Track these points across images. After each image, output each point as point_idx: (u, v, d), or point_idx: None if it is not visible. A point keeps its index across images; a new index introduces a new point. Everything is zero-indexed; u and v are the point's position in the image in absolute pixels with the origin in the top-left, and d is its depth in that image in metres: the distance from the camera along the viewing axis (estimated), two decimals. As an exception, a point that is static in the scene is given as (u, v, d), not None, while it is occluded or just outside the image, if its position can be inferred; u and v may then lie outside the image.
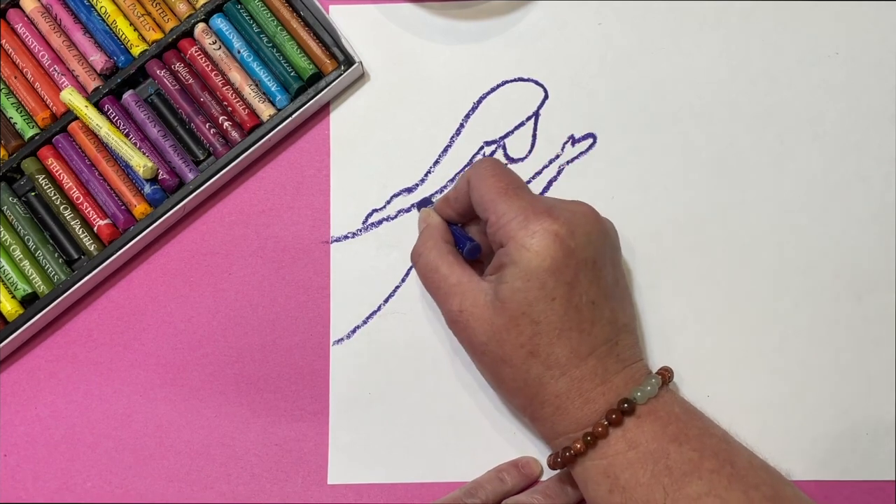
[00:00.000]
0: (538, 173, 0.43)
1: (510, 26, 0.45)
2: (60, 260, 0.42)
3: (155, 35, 0.44)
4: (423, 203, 0.42)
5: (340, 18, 0.45)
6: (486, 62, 0.44)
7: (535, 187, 0.43)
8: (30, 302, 0.42)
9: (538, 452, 0.40)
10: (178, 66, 0.44)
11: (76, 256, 0.43)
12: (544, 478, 0.40)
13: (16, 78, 0.44)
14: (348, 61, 0.44)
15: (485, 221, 0.37)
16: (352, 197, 0.44)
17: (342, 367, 0.42)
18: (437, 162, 0.44)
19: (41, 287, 0.42)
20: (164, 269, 0.43)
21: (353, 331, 0.42)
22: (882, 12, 0.44)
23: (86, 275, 0.42)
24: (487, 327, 0.36)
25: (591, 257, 0.36)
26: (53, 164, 0.43)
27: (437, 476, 0.40)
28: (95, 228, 0.42)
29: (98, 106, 0.43)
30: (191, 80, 0.44)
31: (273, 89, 0.43)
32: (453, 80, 0.44)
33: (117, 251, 0.42)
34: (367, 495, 0.41)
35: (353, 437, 0.41)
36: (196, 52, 0.44)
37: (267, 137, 0.43)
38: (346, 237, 0.43)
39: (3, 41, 0.44)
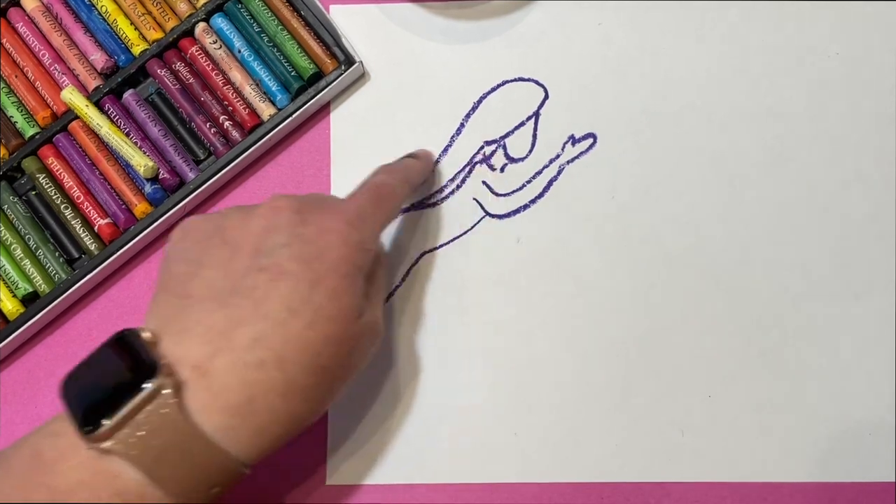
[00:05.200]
0: (538, 173, 0.43)
1: (510, 26, 0.45)
2: (61, 259, 0.42)
3: (155, 34, 0.44)
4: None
5: (341, 18, 0.45)
6: (486, 62, 0.44)
7: (536, 187, 0.43)
8: (30, 301, 0.42)
9: (539, 454, 0.40)
10: (179, 66, 0.44)
11: (77, 255, 0.43)
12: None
13: (16, 77, 0.44)
14: (349, 61, 0.44)
15: None
16: (352, 196, 0.44)
17: (342, 366, 0.42)
18: (437, 162, 0.44)
19: (42, 286, 0.42)
20: (165, 269, 0.43)
21: (353, 330, 0.42)
22: (882, 12, 0.44)
23: (86, 274, 0.42)
24: None
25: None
26: (54, 164, 0.43)
27: (437, 477, 0.40)
28: (96, 228, 0.42)
29: (98, 105, 0.43)
30: (191, 80, 0.44)
31: (273, 89, 0.43)
32: (453, 80, 0.44)
33: (118, 250, 0.42)
34: (366, 496, 0.40)
35: (353, 438, 0.41)
36: (197, 51, 0.44)
37: (267, 137, 0.43)
38: (346, 237, 0.43)
39: (4, 40, 0.44)
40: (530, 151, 0.44)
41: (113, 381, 0.30)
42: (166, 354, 0.31)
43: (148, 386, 0.30)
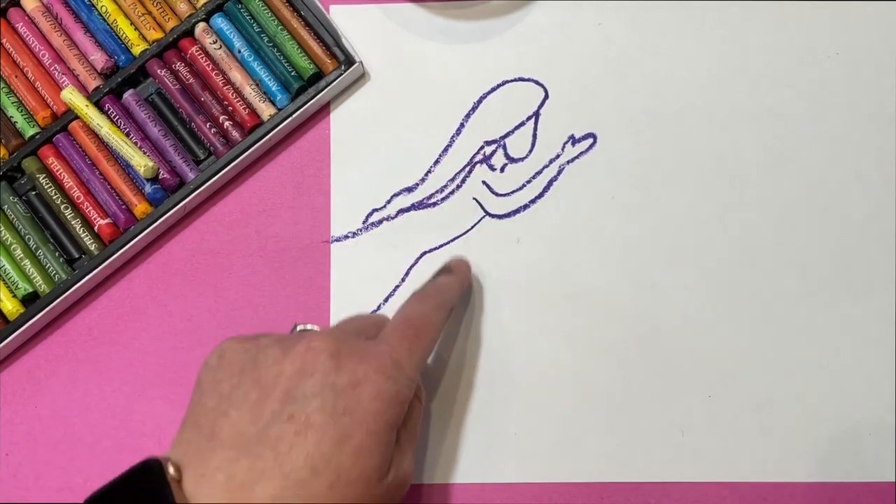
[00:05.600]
0: (538, 173, 0.43)
1: (510, 26, 0.45)
2: (61, 259, 0.42)
3: (155, 34, 0.44)
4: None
5: (341, 18, 0.45)
6: (486, 62, 0.44)
7: (536, 187, 0.43)
8: (30, 301, 0.42)
9: (539, 454, 0.40)
10: (179, 66, 0.44)
11: (77, 256, 0.43)
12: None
13: (16, 77, 0.44)
14: (349, 61, 0.44)
15: None
16: (352, 196, 0.44)
17: (342, 366, 0.42)
18: (437, 161, 0.44)
19: (42, 286, 0.42)
20: (165, 269, 0.43)
21: (353, 330, 0.42)
22: (882, 12, 0.44)
23: (86, 274, 0.42)
24: None
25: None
26: (54, 164, 0.43)
27: (437, 477, 0.40)
28: (96, 228, 0.42)
29: (99, 105, 0.43)
30: (191, 80, 0.44)
31: (273, 89, 0.43)
32: (453, 80, 0.44)
33: (118, 250, 0.42)
34: (367, 495, 0.40)
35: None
36: (197, 51, 0.44)
37: (267, 137, 0.43)
38: (346, 237, 0.43)
39: (4, 40, 0.44)
40: (530, 151, 0.44)
41: None
42: (187, 494, 0.30)
43: None
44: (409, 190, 0.44)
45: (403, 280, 0.43)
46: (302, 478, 0.31)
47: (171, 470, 0.31)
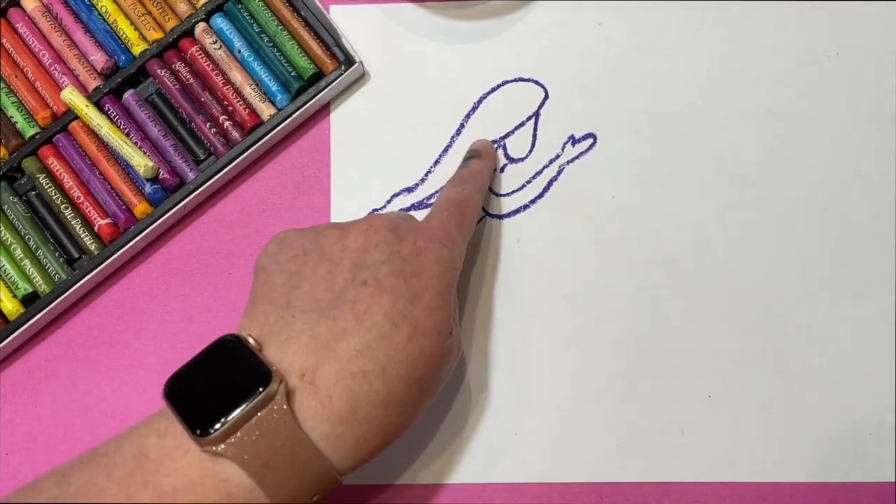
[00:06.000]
0: (538, 173, 0.43)
1: (510, 26, 0.45)
2: (61, 259, 0.42)
3: (155, 34, 0.44)
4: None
5: (341, 18, 0.45)
6: (486, 62, 0.44)
7: (536, 187, 0.43)
8: (30, 301, 0.42)
9: (539, 454, 0.40)
10: (179, 66, 0.44)
11: (77, 255, 0.43)
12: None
13: (16, 77, 0.44)
14: (349, 61, 0.44)
15: None
16: (352, 197, 0.44)
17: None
18: (437, 162, 0.44)
19: (42, 286, 0.42)
20: (165, 269, 0.43)
21: (353, 330, 0.42)
22: (882, 12, 0.44)
23: (86, 274, 0.42)
24: None
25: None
26: (54, 164, 0.43)
27: (437, 477, 0.40)
28: (96, 228, 0.42)
29: (99, 105, 0.43)
30: (191, 80, 0.44)
31: (273, 89, 0.43)
32: (453, 80, 0.44)
33: (118, 250, 0.42)
34: (366, 496, 0.40)
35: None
36: (197, 51, 0.44)
37: (267, 137, 0.43)
38: (346, 237, 0.43)
39: (4, 40, 0.44)
40: (530, 151, 0.44)
41: (223, 386, 0.31)
42: (273, 361, 0.32)
43: (261, 391, 0.30)
44: (409, 190, 0.44)
45: (403, 280, 0.43)
46: (383, 331, 0.32)
47: (251, 340, 0.32)
